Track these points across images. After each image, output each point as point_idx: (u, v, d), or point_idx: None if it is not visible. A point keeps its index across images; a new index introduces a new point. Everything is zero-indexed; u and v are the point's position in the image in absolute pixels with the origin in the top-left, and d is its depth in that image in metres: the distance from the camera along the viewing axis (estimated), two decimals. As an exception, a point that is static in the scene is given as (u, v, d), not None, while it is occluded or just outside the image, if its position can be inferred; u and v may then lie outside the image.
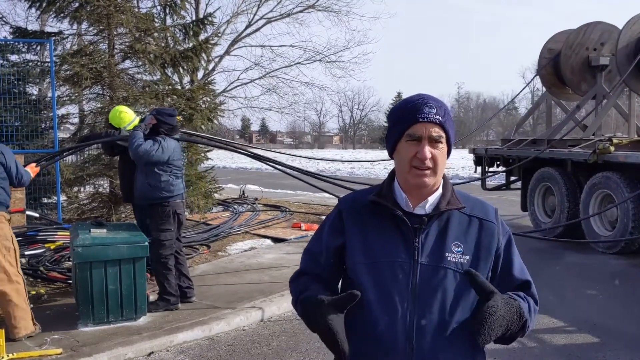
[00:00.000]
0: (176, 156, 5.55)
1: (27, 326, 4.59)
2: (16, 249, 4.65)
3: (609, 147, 8.00)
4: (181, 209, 5.61)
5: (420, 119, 1.59)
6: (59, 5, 8.53)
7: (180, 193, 5.58)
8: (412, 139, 1.60)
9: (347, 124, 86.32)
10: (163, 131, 5.48)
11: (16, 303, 4.53)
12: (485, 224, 1.67)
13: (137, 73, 9.28)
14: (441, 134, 1.60)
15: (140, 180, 5.45)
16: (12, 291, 4.52)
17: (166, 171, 5.43)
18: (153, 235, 5.38)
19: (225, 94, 18.48)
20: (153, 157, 5.31)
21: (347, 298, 1.54)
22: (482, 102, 77.68)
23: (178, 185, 5.53)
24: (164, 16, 9.76)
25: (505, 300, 1.55)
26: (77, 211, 8.85)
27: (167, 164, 5.43)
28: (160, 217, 5.43)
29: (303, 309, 1.66)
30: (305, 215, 11.40)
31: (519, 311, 1.57)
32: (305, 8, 19.02)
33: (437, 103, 1.63)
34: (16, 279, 4.57)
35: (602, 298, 6.16)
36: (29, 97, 8.70)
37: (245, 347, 4.78)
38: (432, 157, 1.59)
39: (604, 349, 4.68)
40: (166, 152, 5.38)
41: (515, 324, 1.56)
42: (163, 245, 5.41)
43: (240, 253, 7.98)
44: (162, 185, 5.40)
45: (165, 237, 5.43)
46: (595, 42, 10.36)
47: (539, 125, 37.50)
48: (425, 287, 1.58)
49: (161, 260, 5.42)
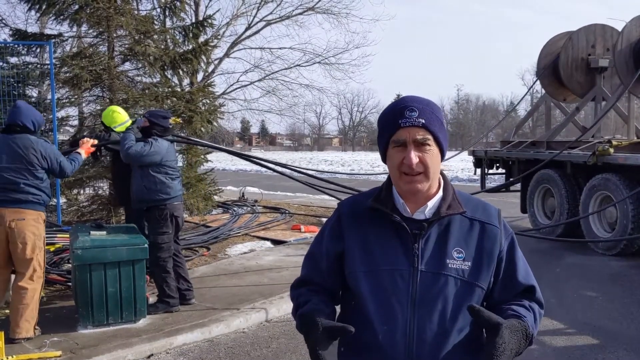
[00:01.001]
0: (170, 157, 5.53)
1: (28, 329, 4.62)
2: (45, 250, 4.81)
3: (608, 148, 8.00)
4: (179, 211, 5.59)
5: (402, 124, 1.55)
6: (59, 7, 8.52)
7: (178, 195, 5.55)
8: (397, 145, 1.57)
9: (346, 126, 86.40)
10: (156, 132, 5.47)
11: (28, 304, 4.59)
12: (487, 228, 1.63)
13: (137, 75, 9.28)
14: (426, 136, 1.55)
15: (137, 183, 5.44)
16: (30, 291, 4.61)
17: (161, 172, 5.41)
18: (150, 239, 5.37)
19: (224, 96, 18.47)
20: (145, 159, 5.31)
21: (341, 330, 1.50)
22: (482, 104, 77.71)
23: (175, 187, 5.51)
24: (164, 18, 9.76)
25: (512, 329, 1.50)
26: (77, 213, 8.85)
27: (161, 165, 5.41)
28: (158, 220, 5.42)
29: (300, 324, 1.61)
30: (305, 217, 11.40)
31: (525, 333, 1.53)
32: (305, 10, 19.02)
33: (420, 105, 1.58)
34: (38, 280, 4.68)
35: (602, 300, 6.16)
36: (29, 99, 8.68)
37: (245, 349, 4.77)
38: (421, 161, 1.55)
39: (604, 351, 4.68)
40: (158, 153, 5.37)
41: (523, 346, 1.54)
42: (161, 248, 5.41)
43: (239, 255, 7.97)
44: (158, 187, 5.38)
45: (163, 239, 5.42)
46: (594, 44, 10.37)
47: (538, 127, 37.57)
48: (426, 295, 1.55)
49: (159, 263, 5.41)
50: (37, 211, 4.67)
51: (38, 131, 4.82)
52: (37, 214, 4.66)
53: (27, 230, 4.58)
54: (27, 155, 4.58)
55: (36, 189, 4.62)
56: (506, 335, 1.47)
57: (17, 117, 4.64)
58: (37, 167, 4.62)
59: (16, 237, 4.56)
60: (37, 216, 4.67)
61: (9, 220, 4.54)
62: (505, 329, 1.48)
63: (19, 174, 4.56)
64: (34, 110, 4.81)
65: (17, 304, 4.59)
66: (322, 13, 19.19)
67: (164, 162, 5.43)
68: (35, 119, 4.73)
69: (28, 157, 4.58)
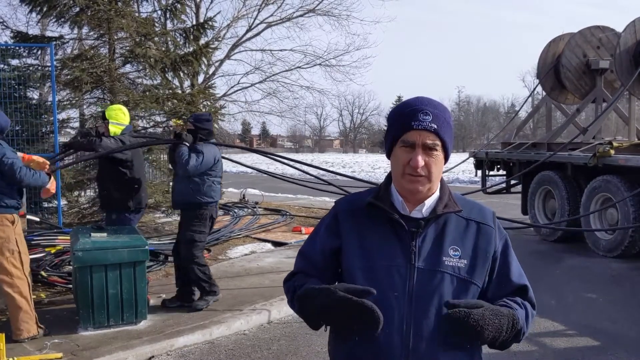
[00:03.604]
0: (216, 161, 5.64)
1: (29, 329, 4.62)
2: (22, 251, 4.68)
3: (609, 150, 8.00)
4: (216, 214, 5.78)
5: (415, 126, 1.57)
6: (60, 9, 8.54)
7: (218, 199, 5.73)
8: (406, 145, 1.59)
9: (347, 127, 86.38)
10: (201, 136, 5.56)
11: (19, 305, 4.57)
12: (483, 228, 1.66)
13: (138, 77, 9.31)
14: (436, 142, 1.58)
15: (183, 185, 5.53)
16: (15, 294, 4.57)
17: (210, 176, 5.56)
18: (187, 237, 5.53)
19: (225, 98, 18.48)
20: (201, 169, 5.45)
21: (362, 290, 1.49)
22: (483, 105, 77.72)
23: (218, 191, 5.68)
24: (165, 20, 9.78)
25: (495, 312, 1.52)
26: (78, 215, 8.86)
27: (210, 170, 5.56)
28: (198, 219, 5.57)
29: (304, 298, 1.59)
30: (306, 219, 11.40)
31: (512, 321, 1.55)
32: (306, 12, 19.03)
33: (435, 109, 1.60)
34: (19, 282, 4.60)
35: (603, 301, 6.15)
36: (30, 101, 8.71)
37: (246, 351, 4.77)
38: (426, 165, 1.57)
39: (605, 353, 4.67)
40: (210, 160, 5.50)
41: (508, 330, 1.54)
42: (197, 246, 5.58)
43: (240, 257, 7.97)
44: (205, 190, 5.52)
45: (200, 238, 5.61)
46: (594, 46, 10.38)
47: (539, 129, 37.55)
48: (422, 292, 1.57)
49: (195, 260, 5.57)
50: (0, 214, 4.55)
51: (3, 134, 4.74)
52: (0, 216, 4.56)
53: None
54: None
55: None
56: (486, 313, 1.49)
57: None
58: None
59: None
60: (0, 219, 4.55)
61: None
62: (486, 309, 1.51)
63: None
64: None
65: (10, 308, 4.62)
66: (322, 15, 19.21)
67: (212, 167, 5.57)
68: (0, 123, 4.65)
69: None
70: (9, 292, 4.57)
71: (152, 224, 9.80)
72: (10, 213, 4.63)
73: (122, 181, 5.72)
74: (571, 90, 10.69)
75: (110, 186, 5.73)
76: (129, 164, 5.77)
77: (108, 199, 5.80)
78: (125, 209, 5.75)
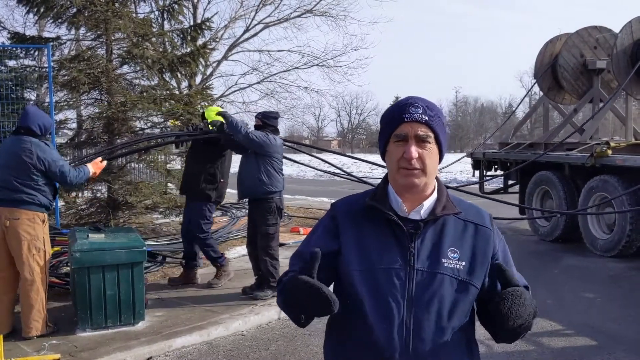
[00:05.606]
0: (281, 151, 6.00)
1: (38, 328, 4.72)
2: (47, 251, 4.83)
3: (606, 150, 8.01)
4: (283, 204, 6.10)
5: (406, 118, 1.58)
6: (57, 10, 8.52)
7: (282, 189, 6.01)
8: (399, 140, 1.59)
9: (345, 128, 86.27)
10: (268, 133, 5.89)
11: (32, 304, 4.68)
12: (481, 230, 1.66)
13: (135, 78, 9.27)
14: (428, 133, 1.58)
15: (252, 176, 5.81)
16: (32, 292, 4.68)
17: (274, 165, 5.85)
18: (262, 231, 5.85)
19: (223, 99, 18.48)
20: (267, 147, 5.74)
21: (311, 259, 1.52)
22: (480, 106, 77.74)
23: (282, 182, 5.97)
24: (162, 21, 9.76)
25: (528, 297, 1.55)
26: (75, 216, 8.84)
27: (274, 158, 5.85)
28: (268, 212, 5.86)
29: (282, 290, 1.61)
30: (304, 220, 11.41)
31: (534, 307, 1.57)
32: (303, 13, 19.04)
33: (425, 103, 1.61)
34: (39, 280, 4.72)
35: (601, 301, 6.17)
36: (27, 102, 8.69)
37: (244, 351, 4.77)
38: (420, 157, 1.57)
39: (603, 352, 4.68)
40: (277, 145, 5.86)
41: (531, 318, 1.55)
42: (272, 238, 5.89)
43: (238, 257, 7.96)
44: (272, 180, 5.81)
45: (274, 230, 5.93)
46: (592, 46, 10.40)
47: (536, 129, 37.63)
48: (422, 294, 1.56)
49: (269, 252, 5.86)
50: (33, 211, 4.69)
51: (46, 134, 4.91)
52: (32, 214, 4.68)
53: (20, 230, 4.63)
54: (21, 156, 4.64)
55: (30, 189, 4.66)
56: (526, 296, 1.54)
57: (22, 121, 4.81)
58: (31, 168, 4.66)
59: (11, 236, 4.64)
60: (33, 216, 4.69)
61: (4, 218, 4.63)
62: (525, 292, 1.55)
63: (12, 173, 4.63)
64: (41, 115, 4.91)
65: (24, 305, 4.71)
66: (320, 16, 19.23)
67: (277, 155, 5.87)
68: (42, 123, 4.83)
69: (22, 157, 4.64)
70: (28, 289, 4.67)
71: (149, 225, 9.79)
72: (43, 212, 4.79)
73: (212, 173, 6.20)
74: (568, 90, 10.71)
75: (202, 176, 6.15)
76: (224, 158, 6.33)
77: (195, 186, 6.18)
78: (207, 199, 6.21)
